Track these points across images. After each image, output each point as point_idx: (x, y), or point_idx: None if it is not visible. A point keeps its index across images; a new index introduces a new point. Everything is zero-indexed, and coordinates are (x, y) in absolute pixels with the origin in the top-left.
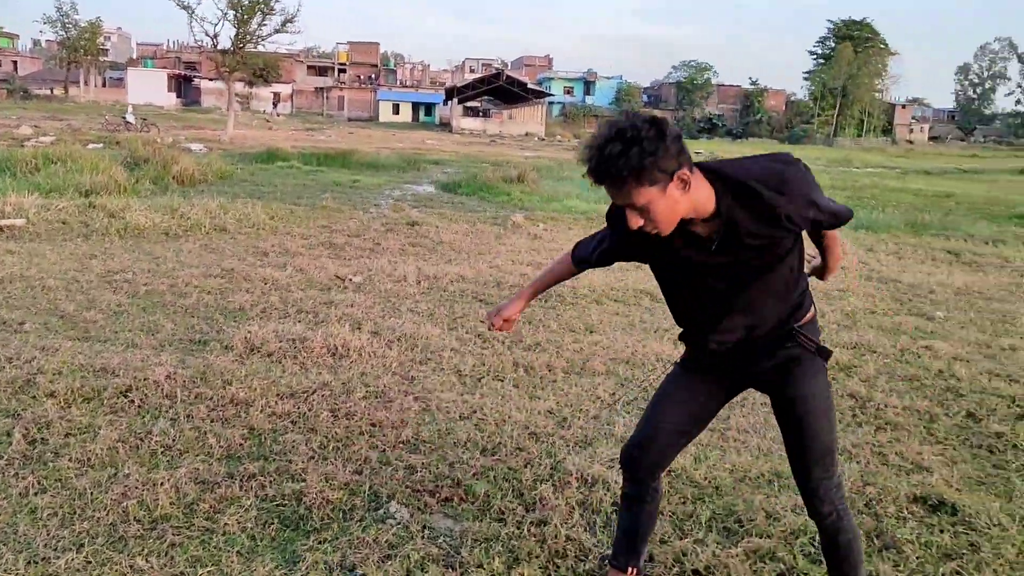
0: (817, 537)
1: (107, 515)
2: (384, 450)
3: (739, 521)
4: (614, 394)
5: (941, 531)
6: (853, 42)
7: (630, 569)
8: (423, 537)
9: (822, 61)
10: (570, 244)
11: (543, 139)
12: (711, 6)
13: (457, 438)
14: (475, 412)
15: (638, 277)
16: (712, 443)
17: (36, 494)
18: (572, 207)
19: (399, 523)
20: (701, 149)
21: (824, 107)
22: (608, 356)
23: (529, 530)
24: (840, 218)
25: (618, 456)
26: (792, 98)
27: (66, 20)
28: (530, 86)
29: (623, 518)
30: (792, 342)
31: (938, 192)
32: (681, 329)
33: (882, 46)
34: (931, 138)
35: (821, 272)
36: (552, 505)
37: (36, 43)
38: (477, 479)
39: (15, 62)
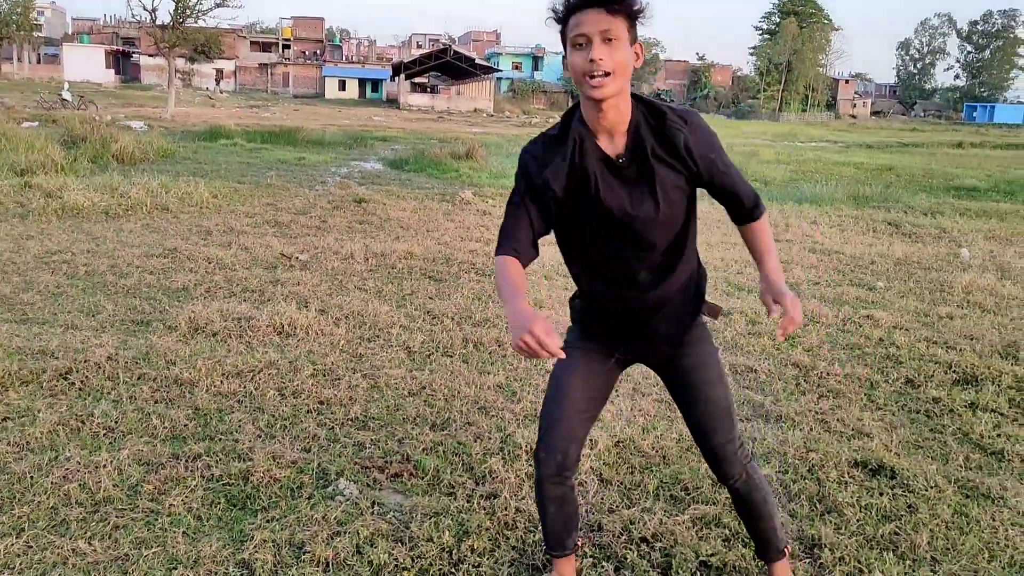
0: None
1: (48, 499)
2: (332, 428)
3: (685, 489)
4: None
5: (880, 494)
6: (798, 17)
7: (577, 546)
8: (372, 513)
9: (767, 36)
10: None
11: (492, 115)
12: None
13: (406, 414)
14: (424, 388)
15: None
16: (660, 414)
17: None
18: None
19: (348, 500)
20: None
21: (770, 82)
22: (558, 330)
23: (479, 503)
24: (745, 192)
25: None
26: (738, 73)
27: None
28: (478, 61)
29: (545, 505)
30: (694, 312)
31: (879, 165)
32: (583, 292)
33: (826, 21)
34: (873, 113)
35: (785, 324)
36: (502, 478)
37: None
38: (427, 454)
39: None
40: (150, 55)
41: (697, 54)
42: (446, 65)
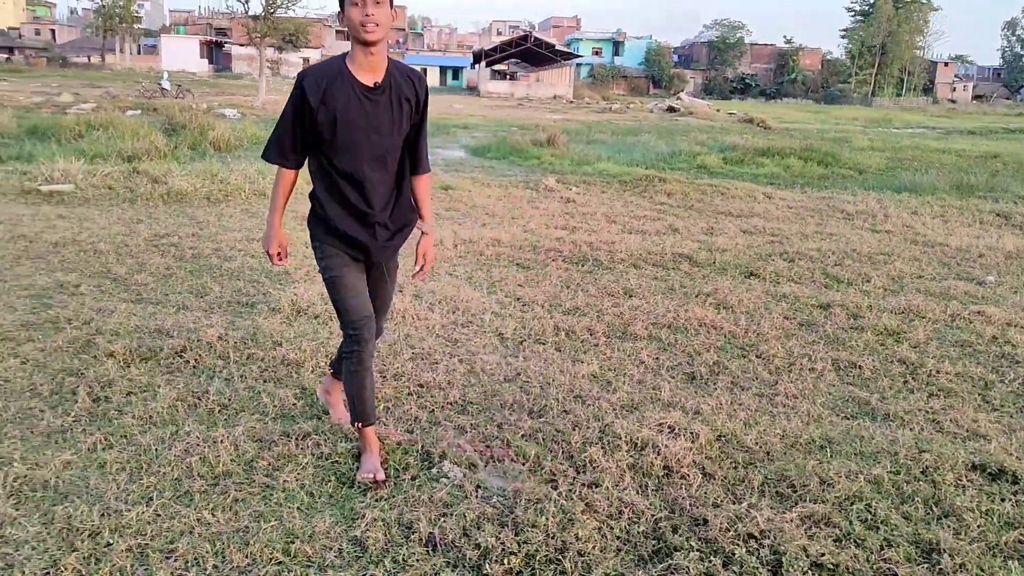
0: (874, 502)
1: (172, 470)
2: (433, 410)
3: (792, 486)
4: (658, 359)
5: (1003, 499)
6: None
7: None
8: (477, 496)
9: (860, 18)
10: (604, 207)
11: (571, 101)
12: None
13: (503, 400)
14: (519, 375)
15: (675, 241)
16: (761, 408)
17: (104, 449)
18: (604, 170)
19: (452, 482)
20: (735, 110)
21: (862, 66)
22: (649, 320)
23: (581, 491)
24: (424, 153)
25: (662, 418)
26: (828, 56)
27: None
28: (558, 48)
29: (364, 379)
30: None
31: (984, 152)
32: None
33: (923, 1)
34: (975, 97)
35: (425, 249)
36: (603, 467)
37: (73, 11)
38: (526, 440)
39: (53, 31)
40: (241, 45)
41: (784, 37)
42: (526, 52)
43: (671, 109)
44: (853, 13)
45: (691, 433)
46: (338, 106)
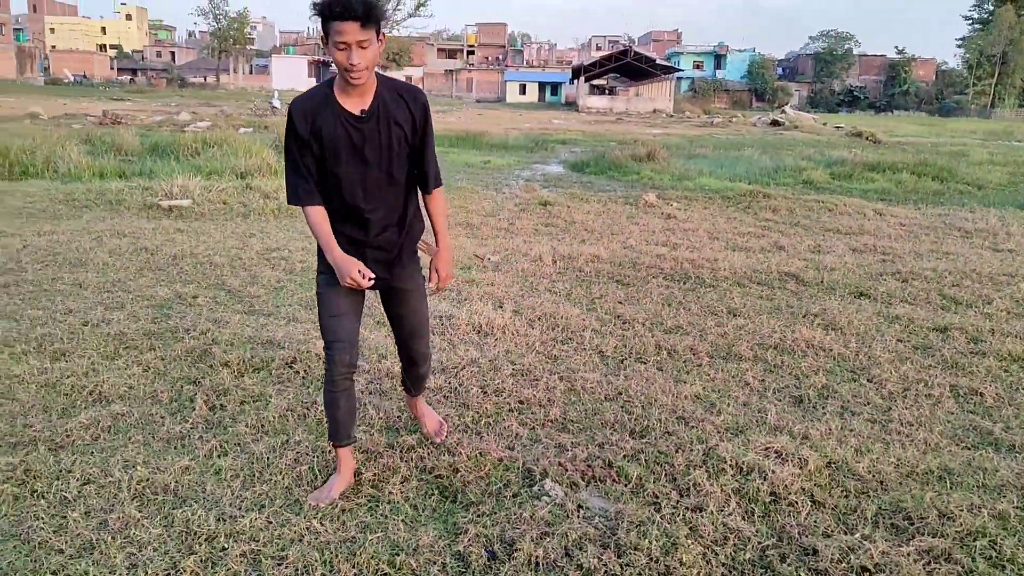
0: (999, 539)
1: (283, 479)
2: (534, 427)
3: (908, 518)
4: (763, 381)
5: None
6: (1015, 4)
7: (356, 437)
8: (579, 516)
9: (978, 26)
10: (706, 223)
11: (672, 115)
12: None
13: (604, 419)
14: (620, 394)
15: (781, 259)
16: (874, 435)
17: (219, 456)
18: (705, 185)
19: (554, 501)
20: (842, 123)
21: (980, 76)
22: (754, 341)
23: (685, 515)
24: (437, 166)
25: (768, 443)
26: (943, 67)
27: (217, 11)
28: (658, 61)
29: (336, 398)
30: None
31: None
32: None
33: None
34: None
35: (438, 265)
36: (707, 492)
37: (191, 34)
38: (628, 461)
39: (173, 53)
40: None
41: (896, 48)
42: (625, 66)
43: (775, 123)
44: (971, 21)
45: (799, 459)
46: (325, 136)
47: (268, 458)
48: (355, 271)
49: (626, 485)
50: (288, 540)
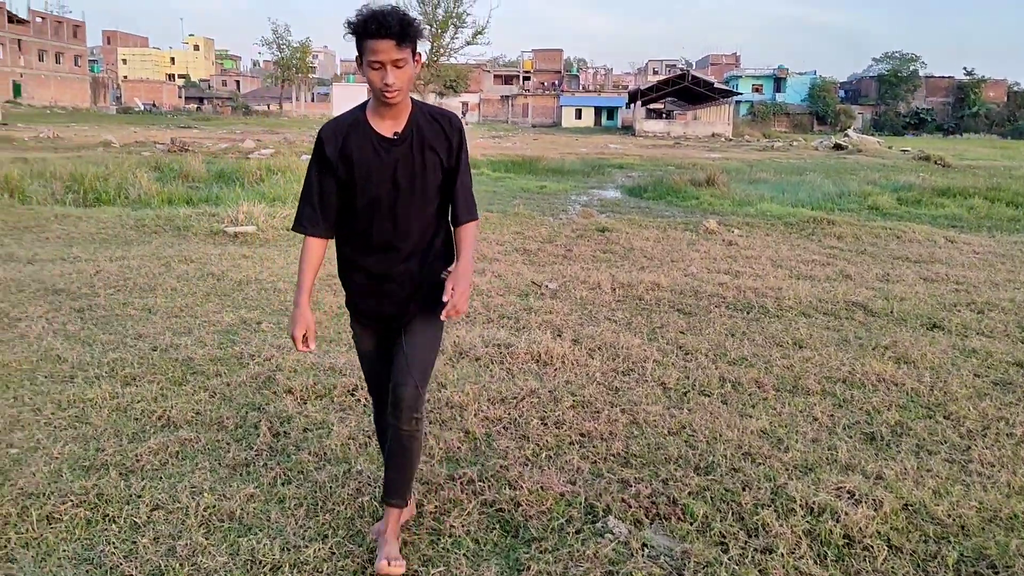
0: None
1: (345, 509)
2: (596, 462)
3: (993, 566)
4: (833, 416)
5: None
6: None
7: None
8: (643, 555)
9: None
10: (768, 251)
11: (730, 139)
12: None
13: (668, 454)
14: (684, 428)
15: (848, 288)
16: (953, 476)
17: (283, 484)
18: (767, 211)
19: (617, 538)
20: (909, 146)
21: None
22: (822, 374)
23: (754, 557)
24: (471, 197)
25: (840, 482)
26: (1015, 88)
27: (280, 42)
28: (716, 85)
29: (384, 445)
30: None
31: None
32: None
33: None
34: None
35: (455, 285)
36: (776, 532)
37: (255, 64)
38: (693, 498)
39: (238, 82)
40: None
41: (964, 69)
42: (683, 90)
43: (838, 146)
44: None
45: (874, 500)
46: (355, 159)
47: (331, 487)
48: (298, 332)
49: (692, 524)
50: (351, 572)
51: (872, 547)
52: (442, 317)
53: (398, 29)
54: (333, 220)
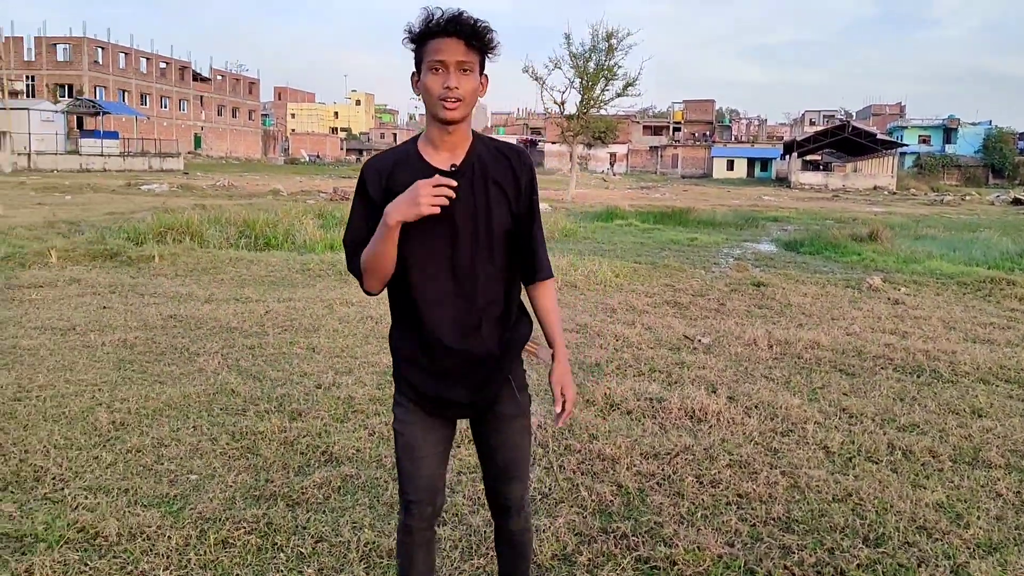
0: None
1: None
2: (755, 524)
3: None
4: (1019, 492)
5: None
6: None
7: None
8: None
9: None
10: (939, 311)
11: (894, 193)
12: None
13: (833, 522)
14: (850, 495)
15: None
16: None
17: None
18: (936, 269)
19: None
20: None
21: None
22: (1006, 446)
23: None
24: (541, 253)
25: (1022, 564)
26: None
27: None
28: (879, 136)
29: (412, 554)
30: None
31: None
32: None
33: None
34: None
35: (563, 388)
36: None
37: (411, 117)
38: (863, 571)
39: (395, 134)
40: (552, 142)
41: None
42: (843, 141)
43: (1017, 201)
44: None
45: None
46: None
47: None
48: (426, 186)
49: None
50: None
51: None
52: (558, 425)
53: (469, 28)
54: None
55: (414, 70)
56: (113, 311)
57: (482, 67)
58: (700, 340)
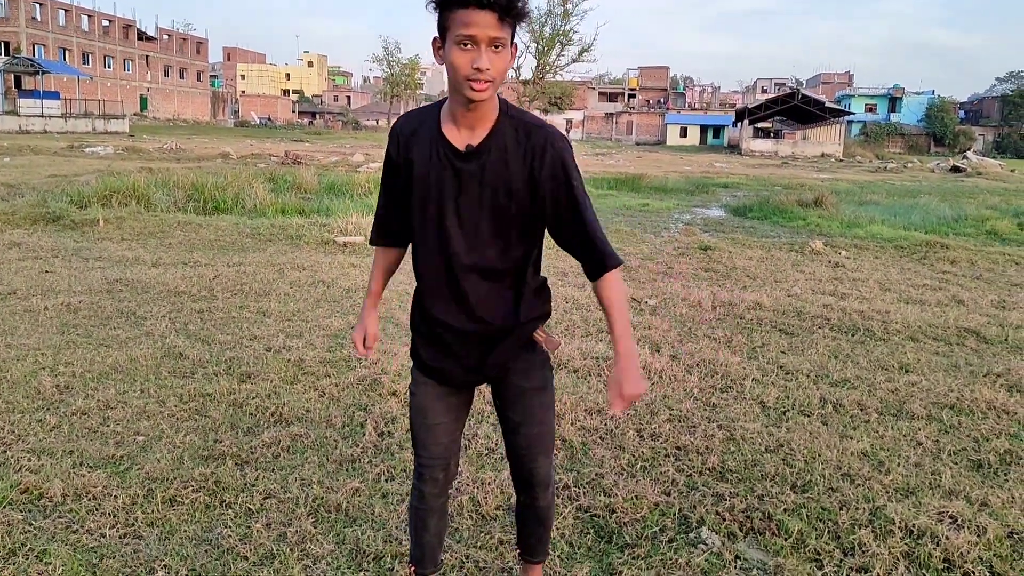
0: None
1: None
2: (691, 475)
3: None
4: (938, 442)
5: None
6: None
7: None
8: (737, 567)
9: None
10: (877, 274)
11: (841, 160)
12: None
13: (765, 471)
14: (781, 446)
15: (959, 314)
16: None
17: (387, 481)
18: (877, 234)
19: (710, 549)
20: None
21: None
22: (929, 399)
23: (848, 575)
24: (599, 242)
25: (942, 507)
26: None
27: (390, 59)
28: (827, 104)
29: (425, 519)
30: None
31: None
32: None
33: None
34: None
35: (621, 379)
36: (873, 552)
37: (365, 80)
38: (789, 515)
39: (348, 97)
40: None
41: None
42: (792, 109)
43: (956, 169)
44: None
45: (977, 526)
46: (416, 170)
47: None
48: (357, 336)
49: (786, 539)
50: (449, 566)
51: (973, 572)
52: (612, 410)
53: (505, 1)
54: (398, 230)
55: (436, 35)
56: (56, 275)
57: (514, 37)
58: (647, 302)
